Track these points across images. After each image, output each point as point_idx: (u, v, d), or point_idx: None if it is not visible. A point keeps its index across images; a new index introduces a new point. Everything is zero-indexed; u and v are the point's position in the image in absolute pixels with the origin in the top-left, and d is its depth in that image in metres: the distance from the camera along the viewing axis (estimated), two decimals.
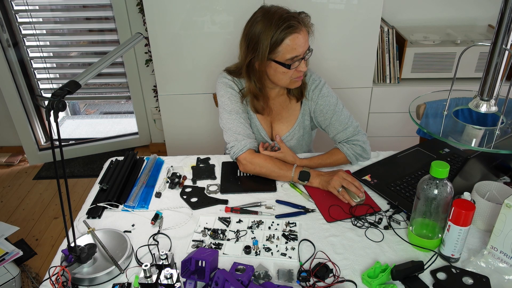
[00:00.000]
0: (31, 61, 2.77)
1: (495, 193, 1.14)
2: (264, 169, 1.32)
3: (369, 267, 0.97)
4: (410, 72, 2.24)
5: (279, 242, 1.08)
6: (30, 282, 1.79)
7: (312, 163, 1.39)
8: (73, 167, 2.94)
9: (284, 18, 1.23)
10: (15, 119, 2.80)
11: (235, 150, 1.36)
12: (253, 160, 1.33)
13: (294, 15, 1.26)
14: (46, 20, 2.67)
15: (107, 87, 2.99)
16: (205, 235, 1.11)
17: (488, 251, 0.99)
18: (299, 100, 1.46)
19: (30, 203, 2.58)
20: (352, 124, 1.41)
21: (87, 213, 1.20)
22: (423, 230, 1.04)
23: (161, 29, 2.01)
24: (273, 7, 1.28)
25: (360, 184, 1.23)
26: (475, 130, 1.22)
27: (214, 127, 2.29)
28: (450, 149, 1.45)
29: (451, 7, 2.41)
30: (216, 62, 2.08)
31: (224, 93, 1.42)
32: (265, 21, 1.24)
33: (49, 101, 0.83)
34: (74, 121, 3.58)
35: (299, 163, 1.37)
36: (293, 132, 1.48)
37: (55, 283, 0.90)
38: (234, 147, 1.37)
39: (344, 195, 1.21)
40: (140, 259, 1.03)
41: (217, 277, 0.88)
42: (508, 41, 1.03)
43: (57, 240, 2.26)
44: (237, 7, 1.96)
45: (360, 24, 2.03)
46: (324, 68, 2.13)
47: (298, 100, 1.46)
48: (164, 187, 1.33)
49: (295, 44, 1.24)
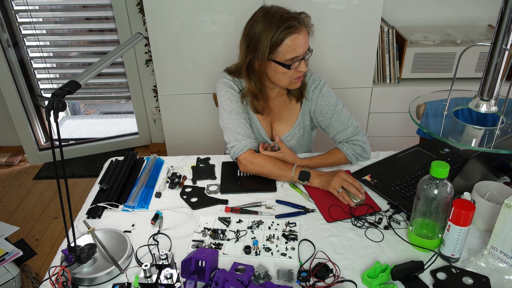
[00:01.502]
0: (31, 61, 2.77)
1: (495, 193, 1.14)
2: (264, 169, 1.32)
3: (369, 267, 0.97)
4: (410, 72, 2.24)
5: (279, 242, 1.08)
6: (30, 282, 1.79)
7: (312, 163, 1.39)
8: (73, 167, 2.94)
9: (284, 19, 1.23)
10: (15, 119, 2.81)
11: (235, 150, 1.36)
12: (253, 160, 1.33)
13: (294, 16, 1.26)
14: (46, 20, 2.67)
15: (107, 87, 2.99)
16: (205, 235, 1.11)
17: (488, 251, 0.99)
18: (299, 100, 1.46)
19: (30, 203, 2.58)
20: (352, 124, 1.41)
21: (87, 213, 1.20)
22: (423, 230, 1.04)
23: (161, 29, 2.01)
24: (273, 7, 1.28)
25: (360, 185, 1.23)
26: (475, 130, 1.22)
27: (214, 127, 2.29)
28: (450, 149, 1.45)
29: (451, 7, 2.40)
30: (216, 62, 2.08)
31: (224, 93, 1.41)
32: (265, 21, 1.24)
33: (49, 101, 0.83)
34: (74, 121, 3.58)
35: (299, 163, 1.37)
36: (293, 132, 1.48)
37: (55, 283, 0.90)
38: (234, 147, 1.37)
39: (344, 196, 1.21)
40: (140, 259, 1.03)
41: (217, 277, 0.88)
42: (508, 41, 1.03)
43: (57, 240, 2.26)
44: (237, 7, 1.96)
45: (360, 24, 2.03)
46: (324, 68, 2.12)
47: (298, 100, 1.46)
48: (164, 187, 1.33)
49: (295, 45, 1.24)
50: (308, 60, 1.32)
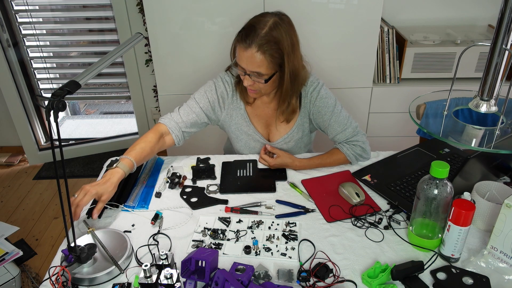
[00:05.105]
0: (31, 61, 2.77)
1: (495, 193, 1.14)
2: (140, 142, 1.32)
3: (369, 267, 0.97)
4: (410, 72, 2.24)
5: (279, 242, 1.08)
6: (30, 282, 1.79)
7: (312, 163, 1.39)
8: (73, 167, 2.94)
9: (244, 26, 1.25)
10: (15, 119, 2.81)
11: (165, 118, 1.41)
12: (151, 131, 1.36)
13: (252, 29, 1.22)
14: (46, 20, 2.67)
15: (107, 87, 2.99)
16: (205, 235, 1.11)
17: (488, 251, 0.99)
18: (297, 100, 1.45)
19: (30, 203, 2.58)
20: (351, 125, 1.41)
21: (87, 213, 1.20)
22: (423, 230, 1.04)
23: (161, 29, 2.01)
24: (266, 14, 1.27)
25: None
26: (475, 130, 1.22)
27: (214, 127, 2.29)
28: (450, 149, 1.45)
29: (451, 7, 2.40)
30: (216, 62, 2.08)
31: (205, 87, 1.44)
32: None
33: (49, 101, 0.83)
34: (74, 121, 3.58)
35: (299, 163, 1.37)
36: (292, 134, 1.48)
37: (55, 283, 0.90)
38: (167, 116, 1.41)
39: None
40: (140, 259, 1.03)
41: (217, 277, 0.88)
42: (508, 41, 1.03)
43: (57, 240, 2.26)
44: (237, 7, 1.96)
45: (360, 24, 2.03)
46: (324, 68, 2.12)
47: (297, 99, 1.46)
48: (164, 187, 1.33)
49: (239, 55, 1.26)
50: (260, 85, 1.29)
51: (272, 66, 1.25)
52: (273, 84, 1.32)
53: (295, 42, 1.27)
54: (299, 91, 1.39)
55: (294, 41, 1.26)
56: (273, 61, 1.24)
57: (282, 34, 1.22)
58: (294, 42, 1.26)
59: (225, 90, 1.43)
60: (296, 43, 1.27)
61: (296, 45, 1.27)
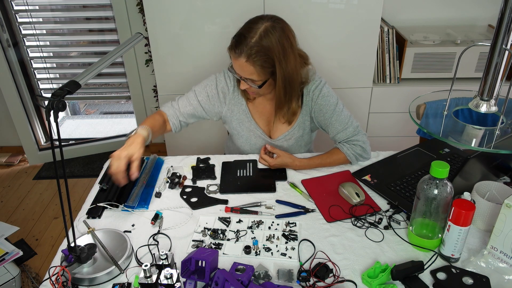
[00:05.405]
0: (31, 61, 2.77)
1: (495, 193, 1.14)
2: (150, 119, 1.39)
3: (369, 267, 0.97)
4: (410, 72, 2.24)
5: (279, 242, 1.08)
6: (30, 282, 1.79)
7: (312, 162, 1.39)
8: (73, 167, 2.94)
9: (236, 34, 1.26)
10: (15, 119, 2.80)
11: (165, 106, 1.47)
12: (154, 115, 1.43)
13: (242, 38, 1.22)
14: (46, 20, 2.67)
15: (107, 87, 2.99)
16: (205, 235, 1.11)
17: (488, 251, 0.99)
18: (299, 99, 1.45)
19: (30, 203, 2.58)
20: (352, 124, 1.41)
21: (87, 213, 1.20)
22: (423, 230, 1.04)
23: (161, 29, 2.01)
24: (258, 18, 1.26)
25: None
26: (475, 130, 1.22)
27: (214, 127, 2.30)
28: (450, 149, 1.45)
29: (451, 7, 2.40)
30: (216, 62, 2.08)
31: (207, 81, 1.46)
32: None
33: (49, 101, 0.83)
34: (74, 121, 3.58)
35: (299, 163, 1.37)
36: (292, 132, 1.48)
37: (55, 283, 0.90)
38: (167, 104, 1.47)
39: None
40: (140, 259, 1.03)
41: (217, 277, 0.88)
42: (508, 41, 1.03)
43: (57, 240, 2.26)
44: (237, 7, 1.96)
45: (360, 24, 2.03)
46: (324, 68, 2.12)
47: (298, 100, 1.46)
48: (164, 187, 1.33)
49: (232, 62, 1.29)
50: (256, 89, 1.31)
51: (263, 74, 1.26)
52: (269, 87, 1.33)
53: (287, 48, 1.23)
54: (297, 94, 1.39)
55: (286, 47, 1.23)
56: (263, 70, 1.25)
57: (272, 42, 1.21)
58: (286, 48, 1.23)
59: (226, 85, 1.44)
60: (288, 49, 1.24)
61: (288, 50, 1.24)
